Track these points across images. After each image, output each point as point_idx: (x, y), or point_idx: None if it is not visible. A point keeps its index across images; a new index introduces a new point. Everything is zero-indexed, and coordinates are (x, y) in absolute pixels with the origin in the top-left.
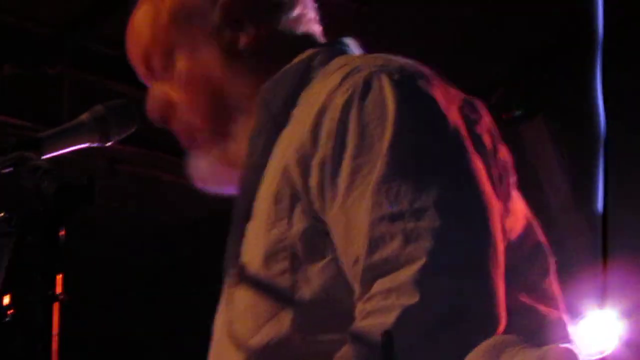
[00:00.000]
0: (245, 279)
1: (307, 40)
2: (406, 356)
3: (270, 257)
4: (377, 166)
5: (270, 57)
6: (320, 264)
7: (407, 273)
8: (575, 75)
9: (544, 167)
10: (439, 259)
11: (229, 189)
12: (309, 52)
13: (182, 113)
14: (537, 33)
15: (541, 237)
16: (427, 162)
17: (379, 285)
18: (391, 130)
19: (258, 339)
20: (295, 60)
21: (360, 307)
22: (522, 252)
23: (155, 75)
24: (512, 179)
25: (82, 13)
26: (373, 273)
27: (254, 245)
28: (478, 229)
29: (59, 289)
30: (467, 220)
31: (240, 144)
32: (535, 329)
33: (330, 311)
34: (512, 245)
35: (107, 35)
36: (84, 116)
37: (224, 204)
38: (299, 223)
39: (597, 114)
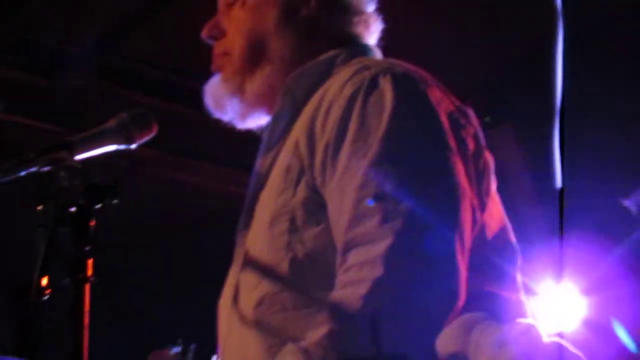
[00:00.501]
0: (251, 241)
1: (345, 38)
2: (375, 321)
3: (274, 219)
4: (370, 152)
5: (312, 35)
6: (315, 230)
7: (378, 249)
8: (537, 86)
9: (510, 167)
10: (407, 239)
11: (225, 114)
12: (335, 51)
13: (227, 41)
14: (504, 51)
15: (512, 237)
16: (413, 154)
17: (355, 256)
18: (386, 123)
19: (256, 293)
20: (323, 56)
21: (339, 278)
22: (496, 247)
23: (225, 3)
24: (493, 182)
25: (108, 35)
26: (352, 244)
27: (264, 210)
28: (448, 216)
29: (89, 272)
30: (439, 208)
31: (255, 86)
32: (502, 311)
33: (319, 271)
34: (488, 241)
35: (129, 54)
36: (111, 122)
37: (230, 201)
38: (301, 193)
39: (555, 116)
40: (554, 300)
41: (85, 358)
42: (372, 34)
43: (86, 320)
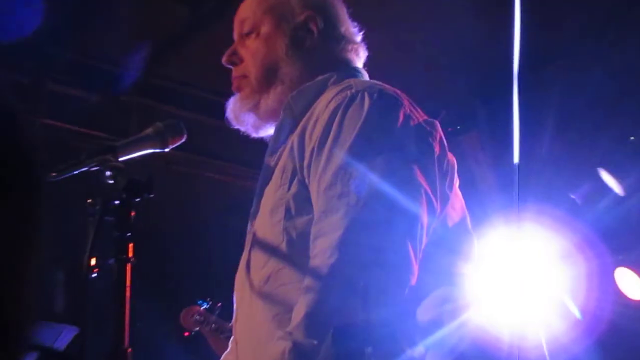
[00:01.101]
0: (258, 227)
1: (339, 63)
2: (333, 295)
3: (273, 209)
4: (340, 157)
5: (315, 60)
6: (305, 218)
7: (335, 236)
8: (497, 101)
9: (476, 166)
10: (362, 229)
11: (242, 127)
12: (329, 74)
13: (244, 66)
14: (470, 73)
15: (470, 226)
16: (375, 159)
17: (321, 244)
18: (356, 133)
19: (264, 271)
20: (319, 77)
21: (310, 262)
22: (458, 234)
23: (240, 35)
24: (456, 180)
25: (148, 59)
26: (319, 233)
27: (267, 202)
28: (405, 207)
29: (130, 254)
30: (398, 200)
31: (268, 103)
32: (465, 286)
33: (308, 250)
34: (452, 228)
35: (164, 74)
36: (148, 130)
37: (245, 194)
38: (294, 188)
39: (512, 126)
40: (511, 276)
41: (126, 323)
42: (360, 59)
43: (128, 293)
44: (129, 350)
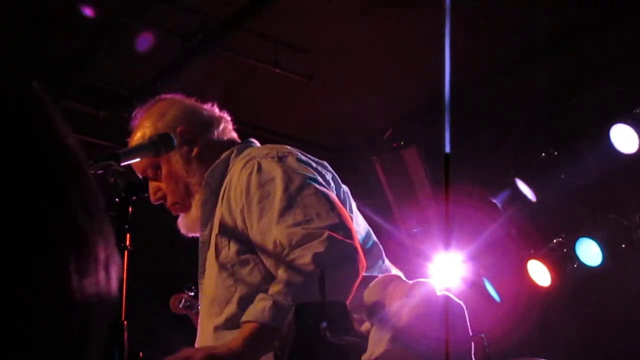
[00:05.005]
0: (207, 284)
1: (229, 142)
2: (300, 282)
3: (221, 269)
4: (276, 204)
5: (210, 156)
6: (248, 268)
7: (307, 250)
8: (434, 120)
9: (415, 175)
10: (324, 244)
11: (196, 234)
12: (230, 150)
13: (170, 198)
14: (411, 99)
15: (375, 237)
16: (306, 197)
17: (296, 252)
18: (280, 184)
19: (222, 317)
20: (223, 155)
21: (286, 259)
22: (366, 244)
23: (151, 178)
24: (353, 203)
25: (147, 82)
26: (295, 247)
27: (212, 264)
28: (341, 225)
29: (127, 243)
30: (337, 222)
31: (196, 210)
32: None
33: (255, 295)
34: (360, 241)
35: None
36: (145, 141)
37: None
38: (233, 247)
39: (445, 145)
40: (444, 264)
41: (124, 300)
42: (229, 127)
43: (125, 276)
44: (125, 322)
